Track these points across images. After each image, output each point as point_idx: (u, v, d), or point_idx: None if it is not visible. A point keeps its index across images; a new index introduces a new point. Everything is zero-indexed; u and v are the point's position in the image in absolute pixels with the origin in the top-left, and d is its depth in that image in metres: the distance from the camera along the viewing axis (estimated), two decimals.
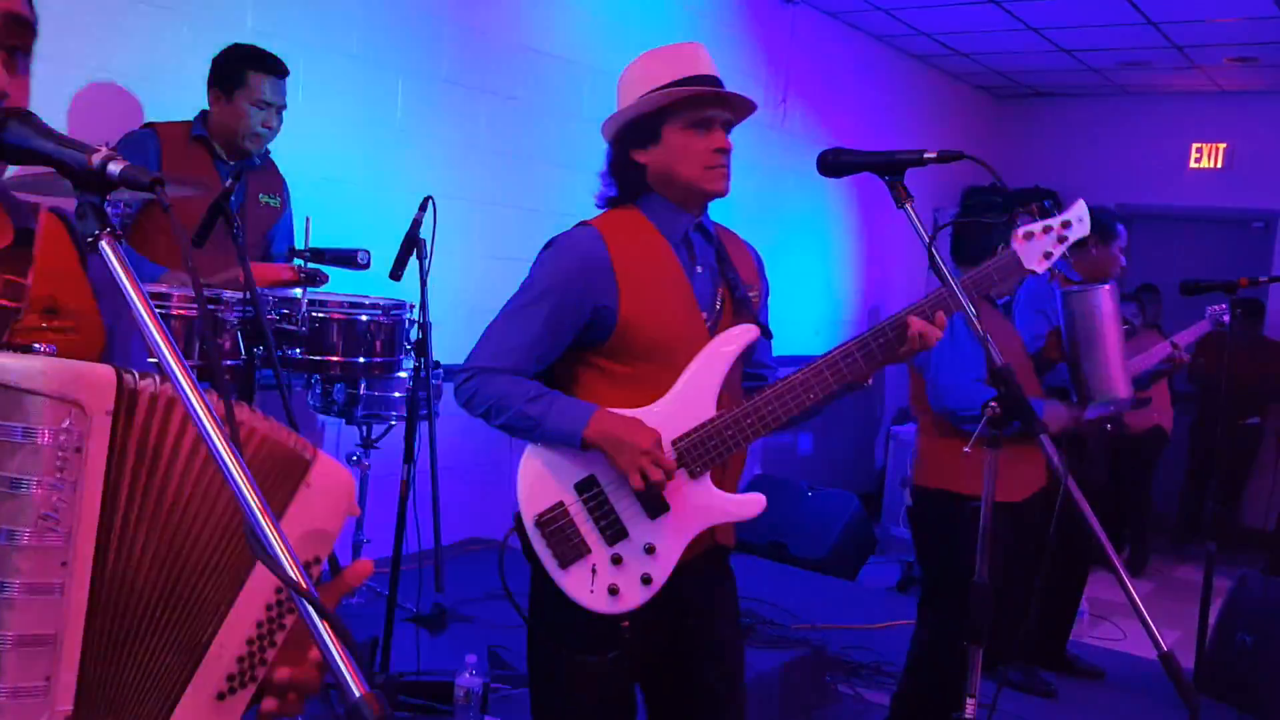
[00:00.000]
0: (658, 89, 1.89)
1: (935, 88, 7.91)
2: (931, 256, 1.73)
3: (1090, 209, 2.02)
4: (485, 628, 3.54)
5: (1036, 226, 1.98)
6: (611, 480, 1.86)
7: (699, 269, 1.98)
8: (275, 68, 3.21)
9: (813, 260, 6.86)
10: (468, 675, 2.78)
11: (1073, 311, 3.29)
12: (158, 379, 0.95)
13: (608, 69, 5.01)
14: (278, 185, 3.40)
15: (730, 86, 1.95)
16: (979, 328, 1.72)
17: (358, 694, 0.74)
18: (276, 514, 0.92)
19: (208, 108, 3.21)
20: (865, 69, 7.13)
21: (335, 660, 0.75)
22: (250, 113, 3.16)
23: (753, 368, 2.10)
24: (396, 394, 3.52)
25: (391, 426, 3.72)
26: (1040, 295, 3.57)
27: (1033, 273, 1.99)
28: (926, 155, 1.75)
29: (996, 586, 1.86)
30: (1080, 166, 8.12)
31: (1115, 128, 8.21)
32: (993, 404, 1.75)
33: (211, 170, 3.17)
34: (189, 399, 0.83)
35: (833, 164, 1.86)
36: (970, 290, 1.96)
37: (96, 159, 0.89)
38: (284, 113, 3.27)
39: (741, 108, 1.97)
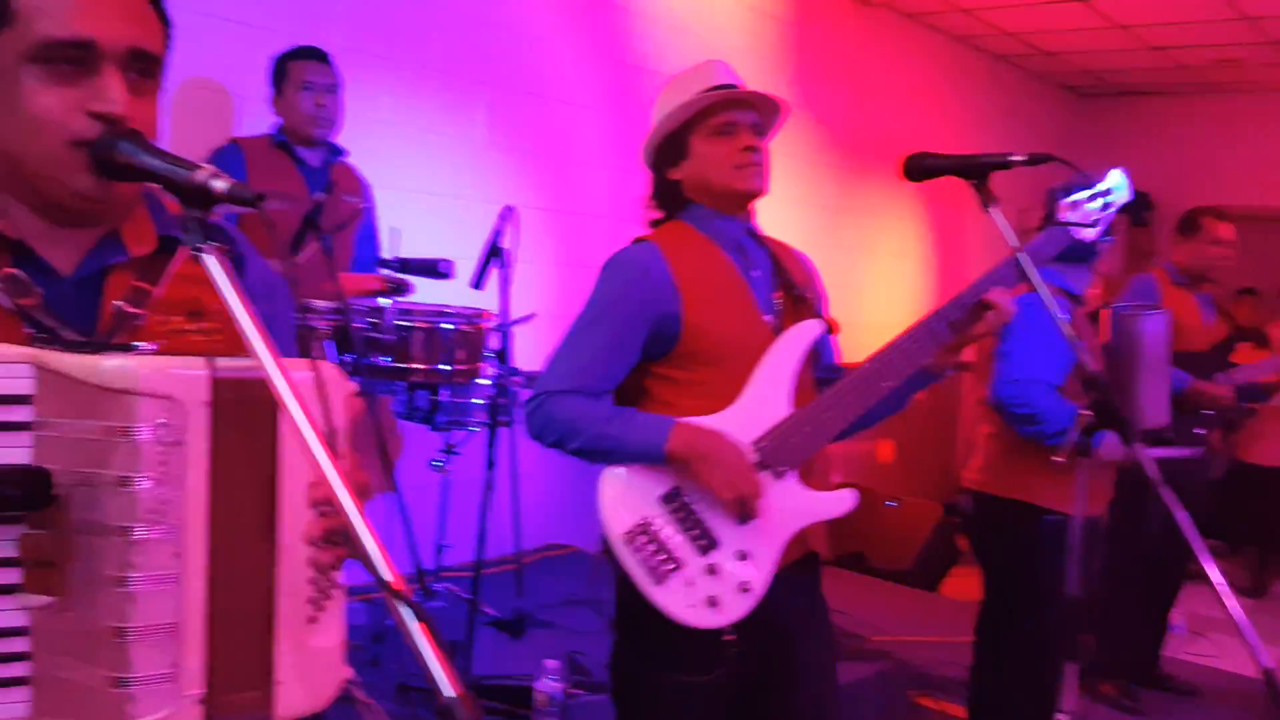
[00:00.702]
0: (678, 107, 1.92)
1: (1019, 88, 7.75)
2: (1018, 260, 1.69)
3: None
4: (565, 634, 3.56)
5: (1081, 194, 1.94)
6: (696, 490, 1.83)
7: (755, 272, 1.98)
8: (310, 53, 3.33)
9: (893, 266, 6.77)
10: (548, 680, 2.80)
11: (1115, 331, 3.20)
12: (249, 366, 0.99)
13: None
14: (357, 187, 3.50)
15: (805, 92, 1.95)
16: (1071, 331, 1.68)
17: (450, 694, 0.75)
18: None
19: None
20: (946, 70, 7.03)
21: (429, 660, 0.77)
22: (301, 99, 3.28)
23: (821, 372, 2.07)
24: (478, 401, 3.56)
25: (473, 433, 3.77)
26: (1137, 298, 3.48)
27: (1081, 240, 1.95)
28: (1014, 158, 1.71)
29: (1087, 601, 1.81)
30: (1171, 166, 7.88)
31: (1206, 127, 7.95)
32: (1085, 411, 1.71)
33: (296, 175, 3.28)
34: (285, 394, 0.86)
35: (917, 168, 1.83)
36: (1031, 264, 1.91)
37: (201, 176, 0.92)
38: (338, 91, 3.35)
39: (766, 108, 1.96)
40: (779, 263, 2.01)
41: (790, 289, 1.98)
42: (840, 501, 1.90)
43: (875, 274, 6.52)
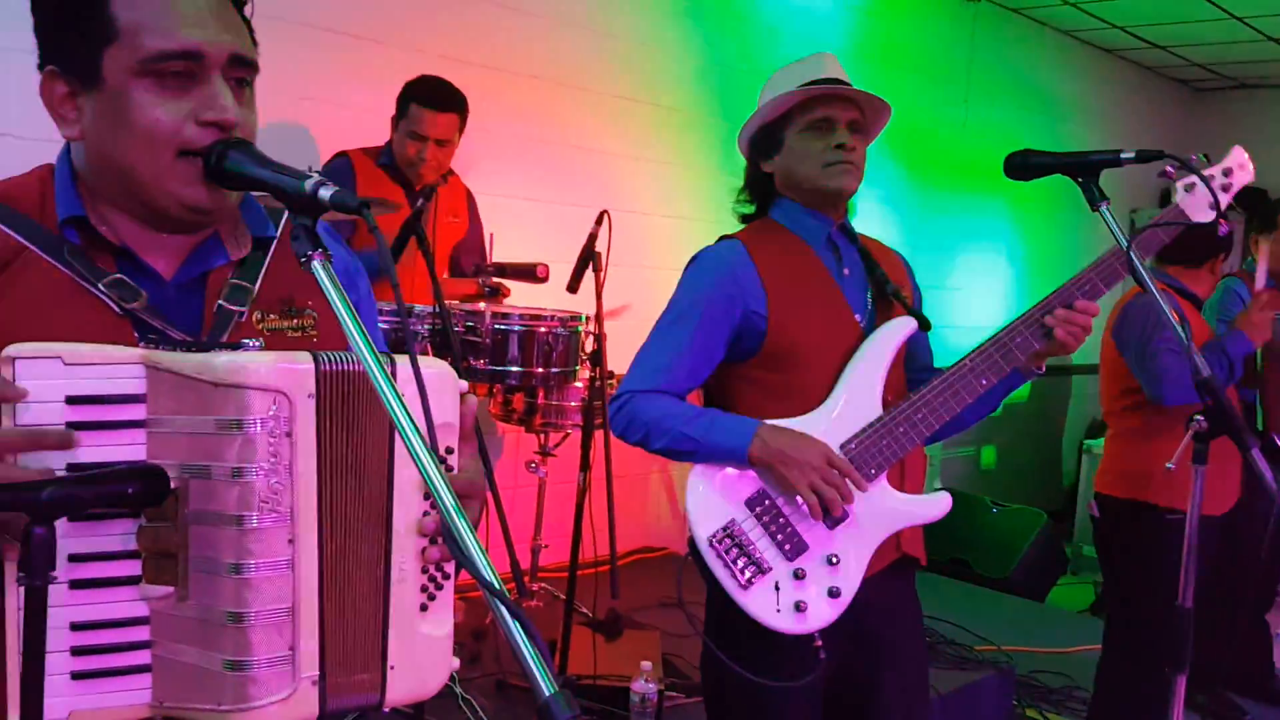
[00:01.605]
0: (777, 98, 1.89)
1: (1127, 81, 7.50)
2: (1130, 260, 1.64)
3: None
4: (660, 635, 3.56)
5: (1196, 177, 1.85)
6: (783, 493, 1.80)
7: (846, 271, 1.94)
8: (434, 101, 3.25)
9: (998, 265, 6.61)
10: (643, 681, 2.80)
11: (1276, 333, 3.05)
12: (352, 358, 1.02)
13: None
14: (462, 204, 3.55)
15: (907, 89, 1.92)
16: (1183, 335, 1.61)
17: (549, 692, 0.76)
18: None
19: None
20: (1051, 64, 6.83)
21: (528, 659, 0.78)
22: (407, 143, 3.28)
23: (916, 372, 2.02)
24: (573, 403, 3.59)
25: (568, 435, 3.80)
26: (1224, 304, 3.35)
27: (1199, 223, 1.87)
28: (1124, 155, 1.65)
29: (1200, 608, 1.74)
30: None
31: None
32: (1199, 418, 1.65)
33: (400, 196, 3.33)
34: (384, 389, 0.88)
35: (1021, 166, 1.79)
36: (1139, 253, 1.84)
37: (309, 184, 0.95)
38: (449, 145, 3.32)
39: (870, 108, 1.91)
40: (872, 261, 1.96)
41: (883, 287, 1.94)
42: (935, 505, 1.85)
43: (969, 275, 6.38)
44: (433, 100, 3.27)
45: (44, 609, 0.91)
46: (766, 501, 1.80)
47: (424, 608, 1.09)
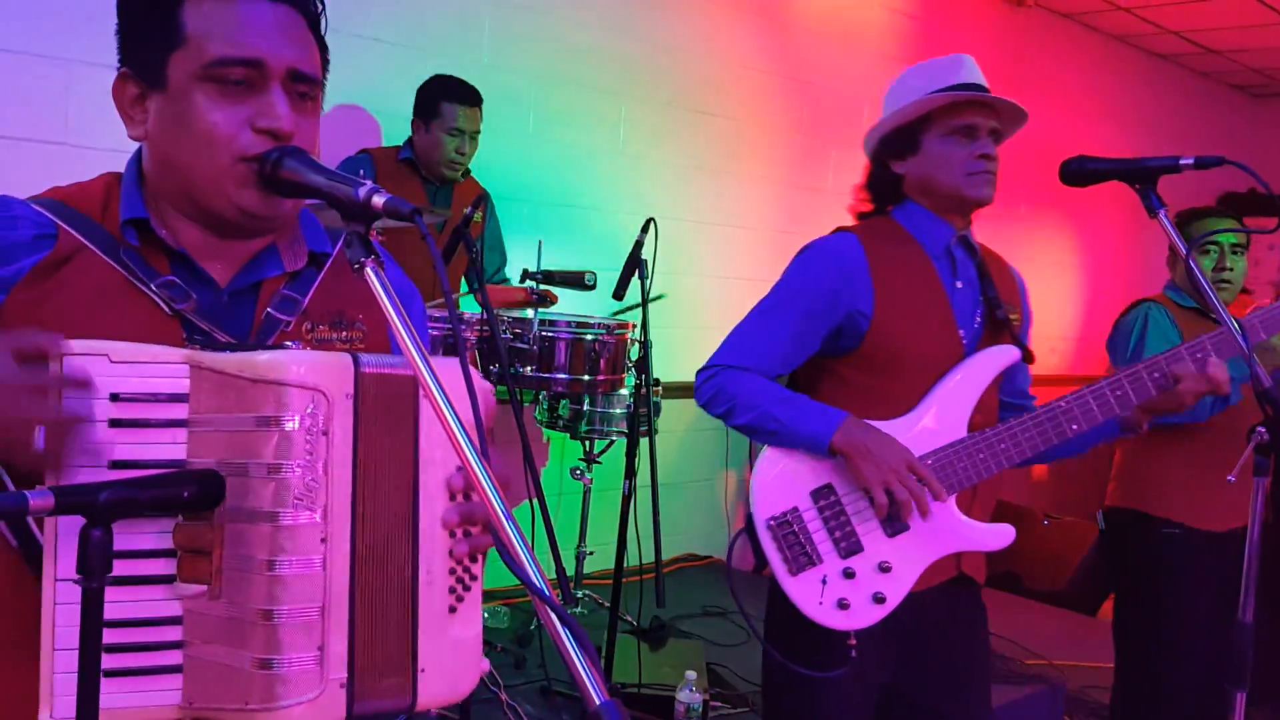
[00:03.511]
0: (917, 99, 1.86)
1: (1183, 88, 7.36)
2: (1190, 268, 1.60)
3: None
4: (704, 644, 3.55)
5: None
6: (850, 492, 1.81)
7: (959, 284, 1.91)
8: (467, 97, 3.38)
9: (1051, 274, 6.52)
10: (688, 691, 2.79)
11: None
12: (390, 361, 1.03)
13: (825, 84, 4.99)
14: (476, 200, 3.59)
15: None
16: (1244, 344, 1.58)
17: (599, 700, 0.76)
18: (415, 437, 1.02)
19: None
20: (1105, 71, 6.73)
21: (578, 666, 0.77)
22: (445, 141, 3.36)
23: (1011, 396, 2.00)
24: (618, 410, 3.60)
25: (613, 442, 3.80)
26: None
27: None
28: (1183, 161, 1.62)
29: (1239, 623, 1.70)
30: None
31: None
32: (1260, 429, 1.61)
33: (420, 191, 3.39)
34: (434, 393, 0.88)
35: (1078, 172, 1.76)
36: (1260, 328, 1.82)
37: (362, 192, 0.96)
38: (478, 138, 3.43)
39: (1009, 115, 1.88)
40: (988, 277, 1.94)
41: (994, 306, 1.91)
42: (996, 536, 1.85)
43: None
44: (465, 96, 3.39)
45: (100, 610, 0.92)
46: (831, 497, 1.81)
47: (452, 609, 1.08)
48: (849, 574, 1.79)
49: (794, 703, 1.91)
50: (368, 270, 0.94)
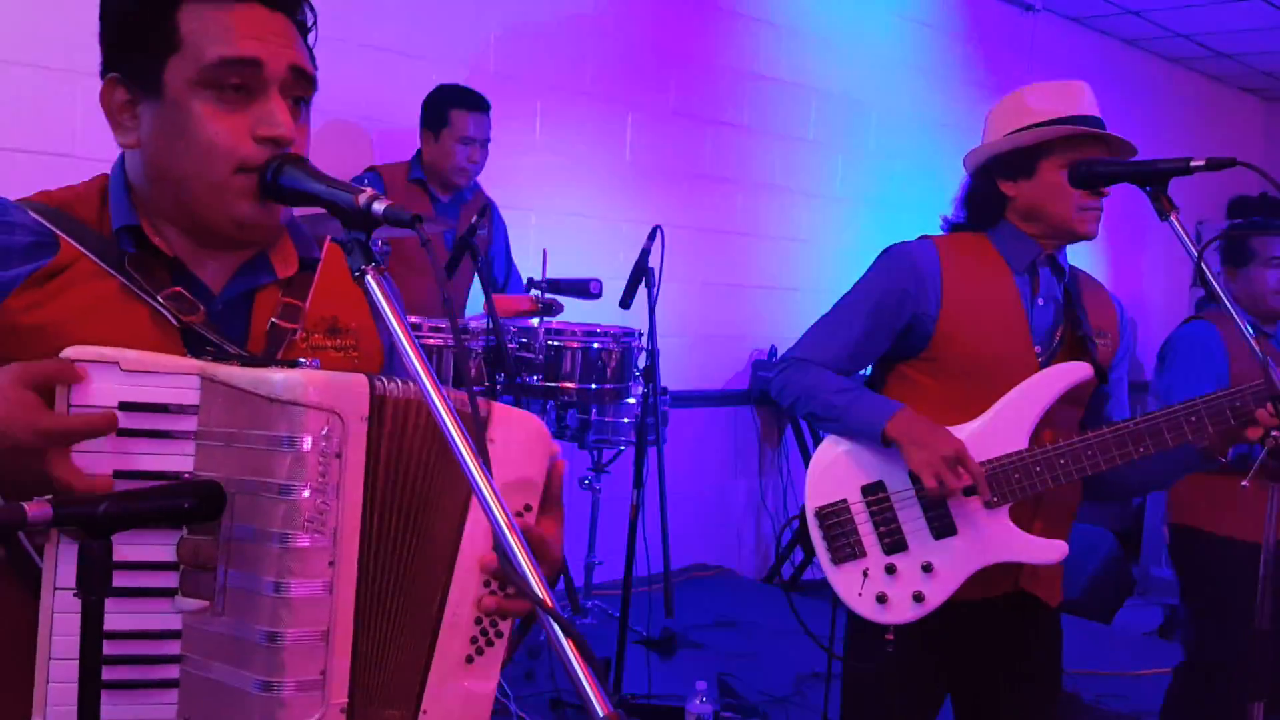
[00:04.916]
0: (1037, 124, 1.86)
1: (1194, 91, 7.34)
2: (1201, 272, 1.59)
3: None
4: (714, 655, 3.53)
5: None
6: (900, 490, 1.85)
7: (1040, 301, 1.93)
8: (476, 104, 3.38)
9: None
10: (698, 701, 2.77)
11: None
12: (406, 384, 1.01)
13: (834, 91, 4.98)
14: (482, 213, 3.59)
15: (965, 100, 1.88)
16: (1258, 348, 1.56)
17: (602, 713, 0.74)
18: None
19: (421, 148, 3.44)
20: (1114, 75, 6.71)
21: (580, 678, 0.76)
22: (456, 150, 3.36)
23: (1095, 420, 1.98)
24: (626, 420, 3.58)
25: (621, 452, 3.79)
26: None
27: None
28: (1194, 163, 1.60)
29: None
30: None
31: None
32: (1275, 433, 1.60)
33: (429, 208, 3.38)
34: (440, 413, 0.87)
35: (1088, 175, 1.75)
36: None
37: (363, 199, 0.94)
38: (488, 145, 3.43)
39: (1121, 150, 1.90)
40: (1076, 299, 1.96)
41: (1076, 326, 1.93)
42: (1045, 550, 1.85)
43: None
44: (475, 104, 3.39)
45: (100, 623, 0.91)
46: (881, 494, 1.86)
47: (470, 660, 1.06)
48: (890, 570, 1.84)
49: (849, 693, 1.98)
50: (368, 279, 0.93)
